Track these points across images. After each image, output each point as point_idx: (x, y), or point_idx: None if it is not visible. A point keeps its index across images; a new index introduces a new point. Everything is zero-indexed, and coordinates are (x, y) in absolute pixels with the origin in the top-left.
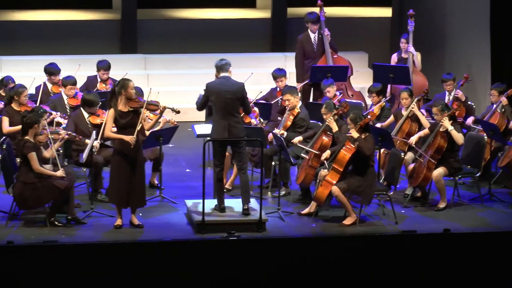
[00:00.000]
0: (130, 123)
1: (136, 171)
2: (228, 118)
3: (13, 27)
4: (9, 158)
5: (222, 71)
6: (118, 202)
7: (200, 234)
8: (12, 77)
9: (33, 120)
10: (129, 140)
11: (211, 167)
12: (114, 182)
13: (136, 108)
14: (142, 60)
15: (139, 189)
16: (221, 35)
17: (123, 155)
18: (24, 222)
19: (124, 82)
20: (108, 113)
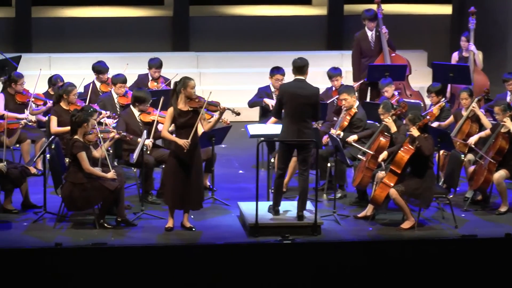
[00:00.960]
0: (189, 123)
1: (193, 172)
2: (298, 123)
3: (62, 24)
4: (57, 158)
5: (299, 73)
6: (173, 203)
7: (254, 237)
8: (61, 76)
9: (83, 119)
10: (182, 144)
11: (265, 168)
12: (169, 183)
13: (196, 108)
14: (194, 58)
15: (196, 191)
16: (276, 33)
17: (179, 156)
18: (73, 224)
19: (185, 81)
20: (168, 111)
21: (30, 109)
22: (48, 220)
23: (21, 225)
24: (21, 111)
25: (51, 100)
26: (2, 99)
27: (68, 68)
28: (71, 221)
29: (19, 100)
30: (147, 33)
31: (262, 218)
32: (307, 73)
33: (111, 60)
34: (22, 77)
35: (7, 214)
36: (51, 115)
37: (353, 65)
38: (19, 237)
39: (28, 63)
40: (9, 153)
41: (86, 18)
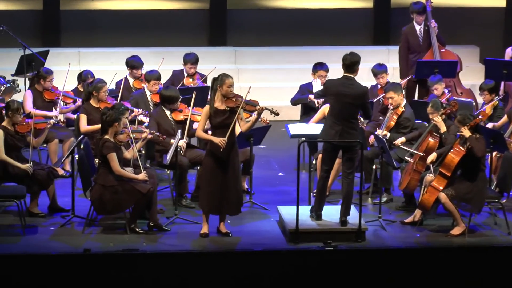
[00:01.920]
0: (225, 123)
1: (230, 174)
2: (343, 123)
3: (93, 17)
4: (87, 159)
5: (347, 70)
6: (209, 208)
7: (294, 244)
8: (91, 71)
9: (113, 117)
10: (218, 142)
11: (306, 170)
12: (205, 187)
13: (232, 107)
14: (232, 53)
15: (234, 195)
16: (319, 26)
17: (215, 157)
18: (103, 229)
19: (222, 78)
20: (204, 109)
21: (58, 107)
22: (76, 224)
23: (48, 230)
24: (49, 109)
25: (81, 98)
26: (29, 96)
27: (98, 64)
28: (101, 225)
29: (47, 98)
30: (182, 27)
31: (303, 223)
32: (357, 71)
33: (143, 55)
34: (51, 73)
35: (33, 218)
36: (80, 113)
37: (400, 61)
38: (46, 242)
39: (57, 58)
40: (36, 153)
41: (118, 10)
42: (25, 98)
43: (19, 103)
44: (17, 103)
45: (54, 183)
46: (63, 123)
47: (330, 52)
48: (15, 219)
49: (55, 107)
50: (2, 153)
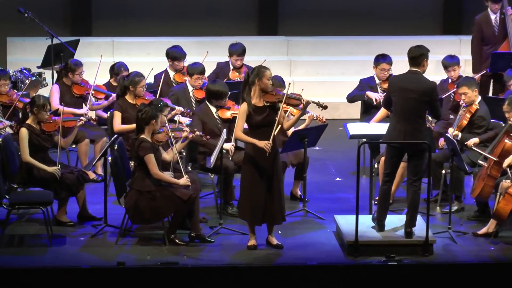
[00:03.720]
0: (266, 121)
1: (273, 180)
2: (408, 122)
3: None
4: (121, 162)
5: (413, 64)
6: (251, 218)
7: (353, 257)
8: (125, 64)
9: (151, 115)
10: (263, 146)
11: (367, 175)
12: (245, 194)
13: (273, 102)
14: (284, 44)
15: (277, 202)
16: (381, 14)
17: (256, 162)
18: (138, 240)
19: (260, 70)
20: (240, 107)
21: (89, 103)
22: (109, 234)
23: (77, 241)
24: (79, 105)
25: (114, 93)
26: (56, 91)
27: (134, 55)
28: (136, 236)
29: (76, 93)
30: (228, 14)
31: (363, 235)
32: (424, 65)
33: (185, 46)
34: (81, 65)
35: (61, 227)
36: (114, 111)
37: (472, 53)
38: (75, 255)
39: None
40: (64, 155)
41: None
42: (52, 93)
43: (46, 99)
44: (43, 98)
45: (85, 188)
46: (94, 121)
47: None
48: (41, 228)
49: (86, 103)
50: (26, 154)
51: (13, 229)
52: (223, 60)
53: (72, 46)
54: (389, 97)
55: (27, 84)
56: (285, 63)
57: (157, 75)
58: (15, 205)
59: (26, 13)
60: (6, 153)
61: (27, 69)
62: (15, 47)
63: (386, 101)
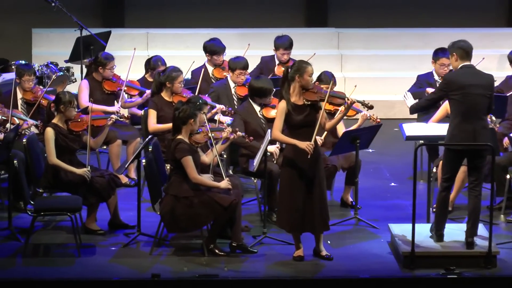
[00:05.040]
0: (306, 121)
1: (315, 185)
2: (475, 121)
3: None
4: (156, 164)
5: (467, 58)
6: (291, 227)
7: (409, 270)
8: (162, 58)
9: (189, 113)
10: (304, 148)
11: (424, 180)
12: (284, 201)
13: (314, 101)
14: (334, 36)
15: (320, 209)
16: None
17: (296, 165)
18: (175, 250)
19: (301, 66)
20: (279, 106)
21: (121, 100)
22: (142, 244)
23: (108, 250)
24: (110, 103)
25: (149, 89)
26: (86, 87)
27: (170, 48)
28: (173, 245)
29: (107, 89)
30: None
31: (420, 245)
32: None
33: (225, 38)
34: (112, 59)
35: (90, 235)
36: (149, 109)
37: None
38: (106, 266)
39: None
40: (94, 157)
41: None
42: (80, 89)
43: (73, 95)
44: (69, 94)
45: (116, 193)
46: (127, 120)
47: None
48: (68, 237)
49: (117, 100)
50: (53, 156)
51: (38, 238)
52: (267, 54)
53: (103, 38)
54: (439, 96)
55: (53, 80)
56: (335, 58)
57: (195, 70)
58: (41, 211)
59: (53, 2)
60: (31, 155)
61: (54, 63)
62: (41, 40)
63: (433, 101)
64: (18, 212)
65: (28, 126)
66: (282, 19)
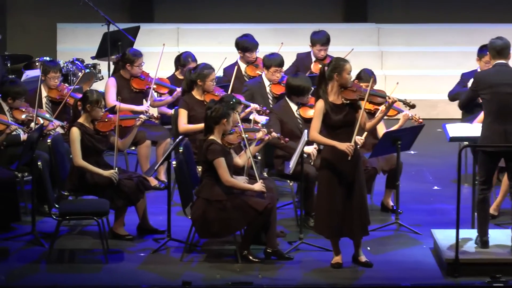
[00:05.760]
0: (345, 121)
1: (354, 189)
2: (506, 122)
3: None
4: (187, 167)
5: (499, 56)
6: (329, 233)
7: (452, 278)
8: (193, 54)
9: (222, 113)
10: (345, 149)
11: (469, 184)
12: (322, 205)
13: (353, 100)
14: (374, 32)
15: (359, 213)
16: None
17: (335, 168)
18: (206, 256)
19: (338, 64)
20: (316, 105)
21: (150, 99)
22: (173, 250)
23: (136, 257)
24: (139, 102)
25: (179, 87)
26: (113, 85)
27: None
28: (204, 251)
29: (136, 87)
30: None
31: (464, 252)
32: (509, 57)
33: (258, 34)
34: (141, 55)
35: (118, 241)
36: (179, 108)
37: None
38: (134, 272)
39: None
40: (122, 158)
41: None
42: (107, 87)
43: (99, 94)
44: (97, 93)
45: (145, 196)
46: (156, 120)
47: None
48: (95, 242)
49: (146, 99)
50: (78, 157)
51: (64, 243)
52: (303, 51)
53: (131, 34)
54: (471, 96)
55: (79, 77)
56: (375, 54)
57: (227, 68)
58: (66, 215)
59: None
60: (56, 156)
61: (80, 60)
62: (66, 35)
63: (467, 100)
64: (42, 216)
65: (54, 127)
66: (318, 13)
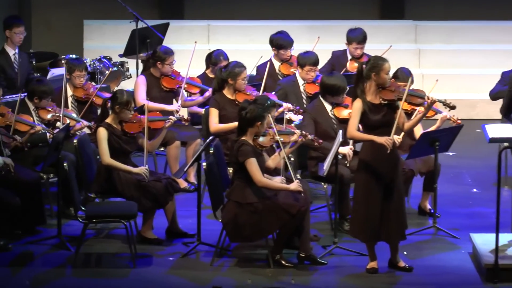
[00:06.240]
0: (384, 121)
1: (393, 191)
2: None
3: None
4: (217, 168)
5: None
6: (365, 237)
7: (492, 284)
8: (224, 52)
9: (256, 115)
10: (384, 142)
11: (509, 187)
12: (359, 207)
13: (391, 100)
14: (412, 29)
15: (397, 217)
16: None
17: (373, 169)
18: (237, 261)
19: (377, 63)
20: (354, 104)
21: (181, 98)
22: (203, 254)
23: (165, 261)
24: (169, 101)
25: (210, 87)
26: (142, 84)
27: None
28: (235, 256)
29: (166, 86)
30: None
31: (504, 257)
32: None
33: (295, 31)
34: (172, 53)
35: (146, 245)
36: (210, 107)
37: None
38: (163, 278)
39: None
40: (151, 159)
41: None
42: (136, 86)
43: (130, 95)
44: (127, 94)
45: (174, 199)
46: (186, 121)
47: None
48: (122, 246)
49: (177, 98)
50: (106, 156)
51: (90, 247)
52: (338, 48)
53: (161, 31)
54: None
55: (106, 76)
56: (413, 52)
57: (260, 66)
58: (92, 218)
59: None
60: (82, 157)
61: (107, 57)
62: (92, 32)
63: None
64: (68, 219)
65: (81, 128)
66: (354, 10)
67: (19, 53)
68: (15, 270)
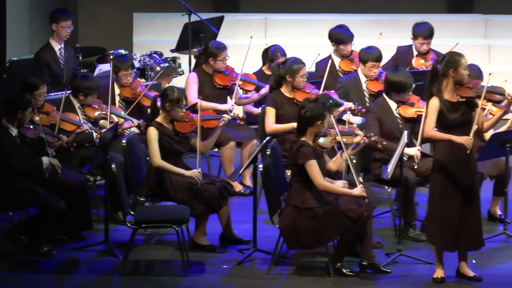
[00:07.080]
0: (462, 121)
1: (472, 195)
2: None
3: None
4: (275, 170)
5: None
6: (442, 244)
7: None
8: (282, 48)
9: (317, 114)
10: (463, 142)
11: None
12: (435, 212)
13: (469, 98)
14: (481, 23)
15: (475, 223)
16: None
17: (451, 170)
18: (296, 269)
19: (454, 58)
20: (430, 103)
21: (235, 96)
22: (259, 262)
23: (219, 269)
24: (223, 99)
25: (267, 84)
26: (194, 81)
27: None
28: (293, 264)
29: (219, 83)
30: None
31: None
32: None
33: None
34: (225, 49)
35: (199, 252)
36: (267, 106)
37: None
38: (216, 286)
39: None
40: (204, 161)
41: None
42: (188, 83)
43: (181, 92)
44: (178, 91)
45: (229, 203)
46: (242, 120)
47: None
48: (174, 253)
49: (231, 96)
50: (157, 157)
51: (139, 254)
52: (403, 44)
53: (215, 25)
54: None
55: (158, 73)
56: (483, 48)
57: (320, 62)
58: (142, 223)
59: None
60: (131, 158)
61: (158, 53)
62: (143, 26)
63: None
64: (116, 224)
65: (129, 126)
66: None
67: (65, 48)
68: (60, 278)
